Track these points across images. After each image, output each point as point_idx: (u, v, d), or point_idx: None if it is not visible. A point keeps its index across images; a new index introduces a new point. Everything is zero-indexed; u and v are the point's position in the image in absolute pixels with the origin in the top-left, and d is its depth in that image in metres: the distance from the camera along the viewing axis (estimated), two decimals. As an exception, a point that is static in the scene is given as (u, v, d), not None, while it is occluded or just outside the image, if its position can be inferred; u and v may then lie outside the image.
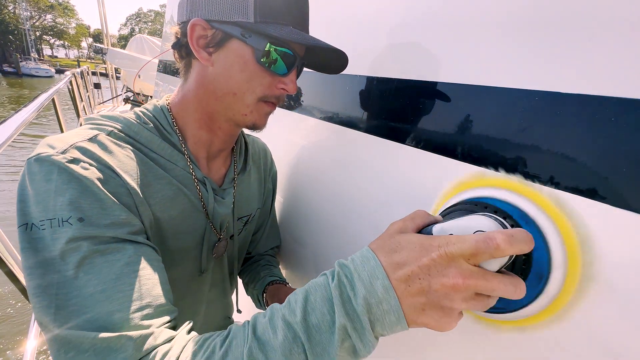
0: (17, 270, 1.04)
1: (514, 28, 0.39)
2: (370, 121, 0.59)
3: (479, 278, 0.27)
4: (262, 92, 0.49)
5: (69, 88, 3.22)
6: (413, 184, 0.51)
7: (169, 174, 0.49)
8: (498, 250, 0.26)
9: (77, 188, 0.37)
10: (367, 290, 0.29)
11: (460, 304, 0.28)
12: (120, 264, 0.37)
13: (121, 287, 0.36)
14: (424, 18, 0.50)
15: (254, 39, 0.45)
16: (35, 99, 1.56)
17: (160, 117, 0.51)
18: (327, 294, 0.31)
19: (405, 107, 0.52)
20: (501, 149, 0.39)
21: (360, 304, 0.29)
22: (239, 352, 0.31)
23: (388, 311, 0.29)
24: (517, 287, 0.27)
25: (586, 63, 0.33)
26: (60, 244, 0.35)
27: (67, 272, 0.35)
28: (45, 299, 0.35)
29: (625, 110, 0.30)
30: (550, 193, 0.33)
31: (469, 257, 0.27)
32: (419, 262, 0.28)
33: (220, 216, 0.57)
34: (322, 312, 0.30)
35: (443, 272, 0.28)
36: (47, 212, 0.36)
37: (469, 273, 0.27)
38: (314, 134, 0.75)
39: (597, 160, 0.32)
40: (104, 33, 7.36)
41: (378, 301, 0.29)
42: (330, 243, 0.70)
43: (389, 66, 0.56)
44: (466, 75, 0.44)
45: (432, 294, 0.28)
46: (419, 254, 0.29)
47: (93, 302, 0.34)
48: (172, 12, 2.16)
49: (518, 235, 0.26)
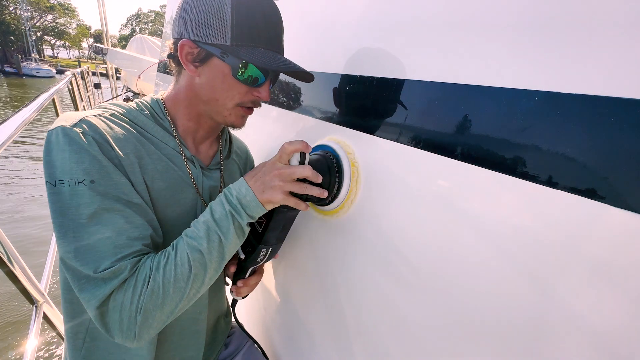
0: (17, 270, 1.04)
1: (514, 28, 0.39)
2: (370, 121, 0.59)
3: (283, 168, 0.54)
4: (240, 99, 0.59)
5: (69, 88, 3.22)
6: (410, 182, 0.51)
7: (160, 152, 0.59)
8: (285, 151, 0.55)
9: (87, 157, 0.48)
10: (237, 192, 0.55)
11: (281, 183, 0.54)
12: (122, 221, 0.50)
13: (121, 237, 0.49)
14: (424, 18, 0.50)
15: (230, 59, 0.55)
16: (35, 99, 1.56)
17: (155, 107, 0.62)
18: (219, 200, 0.56)
19: (399, 106, 0.52)
20: (501, 149, 0.39)
21: (235, 198, 0.55)
22: (182, 247, 0.52)
23: (248, 197, 0.54)
24: (304, 169, 0.54)
25: (586, 63, 0.33)
26: (77, 199, 0.47)
27: (81, 220, 0.47)
28: (66, 239, 0.47)
29: (626, 110, 0.30)
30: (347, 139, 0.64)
31: (279, 160, 0.55)
32: (259, 171, 0.56)
33: (210, 189, 0.67)
34: (220, 210, 0.54)
35: (269, 171, 0.55)
36: (65, 173, 0.47)
37: (280, 166, 0.55)
38: (302, 130, 0.75)
39: (597, 160, 0.31)
40: (104, 33, 7.37)
41: (242, 194, 0.54)
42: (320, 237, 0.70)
43: (388, 66, 0.56)
44: (466, 75, 0.44)
45: (265, 181, 0.55)
46: (260, 168, 0.57)
47: (100, 244, 0.48)
48: (171, 13, 2.16)
49: (295, 142, 0.54)
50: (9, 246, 1.00)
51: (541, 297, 0.36)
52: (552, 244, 0.35)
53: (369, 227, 0.59)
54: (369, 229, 0.59)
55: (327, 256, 0.69)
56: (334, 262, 0.67)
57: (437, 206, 0.47)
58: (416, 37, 0.51)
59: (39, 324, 1.12)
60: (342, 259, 0.65)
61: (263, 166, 0.57)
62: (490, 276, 0.41)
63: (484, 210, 0.41)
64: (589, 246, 0.32)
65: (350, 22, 0.64)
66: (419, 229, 0.50)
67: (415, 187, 0.51)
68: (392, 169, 0.55)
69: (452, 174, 0.45)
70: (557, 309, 0.35)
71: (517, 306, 0.38)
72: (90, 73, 5.72)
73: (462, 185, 0.44)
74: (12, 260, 1.01)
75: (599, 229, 0.32)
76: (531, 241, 0.37)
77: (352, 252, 0.63)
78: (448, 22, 0.47)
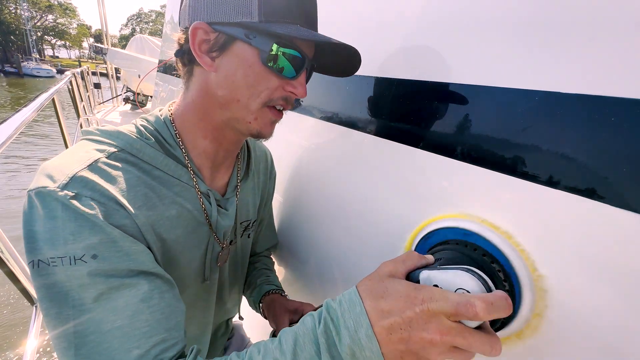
0: (17, 270, 1.04)
1: (514, 28, 0.39)
2: (372, 122, 0.59)
3: (456, 335, 0.29)
4: (268, 96, 0.46)
5: (68, 88, 3.22)
6: (415, 184, 0.51)
7: (172, 191, 0.48)
8: (476, 317, 0.28)
9: (85, 225, 0.37)
10: (351, 338, 0.31)
11: (437, 356, 0.30)
12: (136, 300, 0.38)
13: (137, 324, 0.37)
14: (424, 18, 0.50)
15: (259, 40, 0.43)
16: (35, 99, 1.56)
17: (163, 130, 0.49)
18: (314, 338, 0.33)
19: (405, 108, 0.52)
20: (501, 149, 0.39)
21: (344, 350, 0.32)
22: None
23: (370, 357, 0.31)
24: (493, 347, 0.29)
25: (586, 63, 0.33)
26: (76, 281, 0.36)
27: (83, 307, 0.36)
28: (65, 338, 0.36)
29: (626, 110, 0.30)
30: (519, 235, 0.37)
31: (449, 315, 0.29)
32: (402, 314, 0.30)
33: (224, 227, 0.57)
34: (310, 354, 0.33)
35: (424, 326, 0.29)
36: (57, 249, 0.36)
37: (447, 330, 0.29)
38: (315, 135, 0.75)
39: (597, 160, 0.31)
40: (104, 33, 7.36)
41: (361, 348, 0.31)
42: (332, 244, 0.70)
43: (389, 66, 0.56)
44: (466, 75, 0.44)
45: (412, 344, 0.30)
46: (404, 305, 0.31)
47: (110, 339, 0.36)
48: (172, 13, 2.16)
49: (497, 302, 0.28)
50: (9, 246, 1.00)
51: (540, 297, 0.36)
52: (552, 243, 0.35)
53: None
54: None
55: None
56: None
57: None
58: (416, 36, 0.51)
59: (38, 324, 1.12)
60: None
61: (408, 298, 0.31)
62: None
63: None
64: (589, 246, 0.32)
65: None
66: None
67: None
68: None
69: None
70: (557, 308, 0.35)
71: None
72: (90, 73, 5.72)
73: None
74: (12, 260, 1.01)
75: (598, 229, 0.31)
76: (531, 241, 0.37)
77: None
78: (448, 22, 0.47)
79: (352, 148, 0.63)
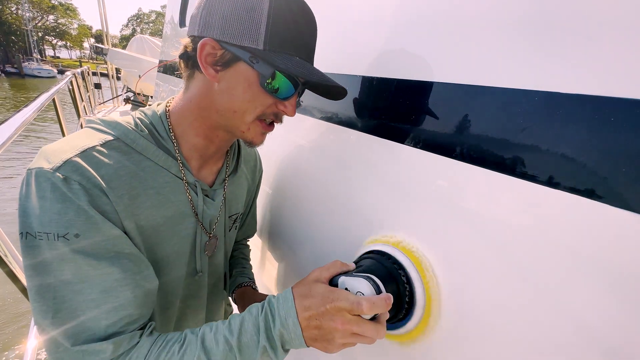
0: (17, 270, 1.04)
1: (514, 28, 0.39)
2: (368, 121, 0.59)
3: (353, 325, 0.41)
4: (261, 112, 0.51)
5: (69, 88, 3.23)
6: (407, 182, 0.51)
7: (159, 182, 0.52)
8: (363, 312, 0.41)
9: (70, 207, 0.41)
10: (282, 324, 0.43)
11: (340, 339, 0.42)
12: (111, 278, 0.44)
13: (109, 299, 0.43)
14: (424, 18, 0.50)
15: (261, 65, 0.47)
16: (35, 99, 1.57)
17: (157, 124, 0.53)
18: (256, 322, 0.45)
19: (402, 107, 0.52)
20: (501, 150, 0.39)
21: (276, 332, 0.43)
22: (191, 356, 0.43)
23: (294, 338, 0.43)
24: (378, 332, 0.42)
25: (586, 63, 0.32)
26: (58, 255, 0.41)
27: (62, 278, 0.41)
28: (44, 303, 0.42)
29: (625, 110, 0.29)
30: (420, 254, 0.49)
31: (349, 311, 0.41)
32: (318, 309, 0.42)
33: (210, 217, 0.61)
34: (251, 335, 0.44)
35: (332, 318, 0.42)
36: (43, 226, 0.40)
37: (347, 321, 0.41)
38: (307, 133, 0.75)
39: (597, 160, 0.31)
40: (105, 33, 7.38)
41: (288, 331, 0.43)
42: (316, 239, 0.70)
43: (387, 66, 0.56)
44: (466, 75, 0.44)
45: (323, 330, 0.42)
46: (320, 303, 0.42)
47: (84, 308, 0.42)
48: (172, 13, 2.17)
49: (377, 302, 0.41)
50: (9, 246, 1.01)
51: (540, 296, 0.36)
52: (552, 243, 0.35)
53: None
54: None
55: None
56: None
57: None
58: (413, 36, 0.51)
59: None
60: None
61: (323, 297, 0.43)
62: (490, 276, 0.40)
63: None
64: (589, 246, 0.32)
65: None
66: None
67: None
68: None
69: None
70: (558, 308, 0.35)
71: (516, 306, 0.38)
72: (91, 73, 5.72)
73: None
74: (12, 260, 1.02)
75: (599, 229, 0.31)
76: (531, 241, 0.37)
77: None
78: (448, 22, 0.46)
79: (347, 147, 0.63)
